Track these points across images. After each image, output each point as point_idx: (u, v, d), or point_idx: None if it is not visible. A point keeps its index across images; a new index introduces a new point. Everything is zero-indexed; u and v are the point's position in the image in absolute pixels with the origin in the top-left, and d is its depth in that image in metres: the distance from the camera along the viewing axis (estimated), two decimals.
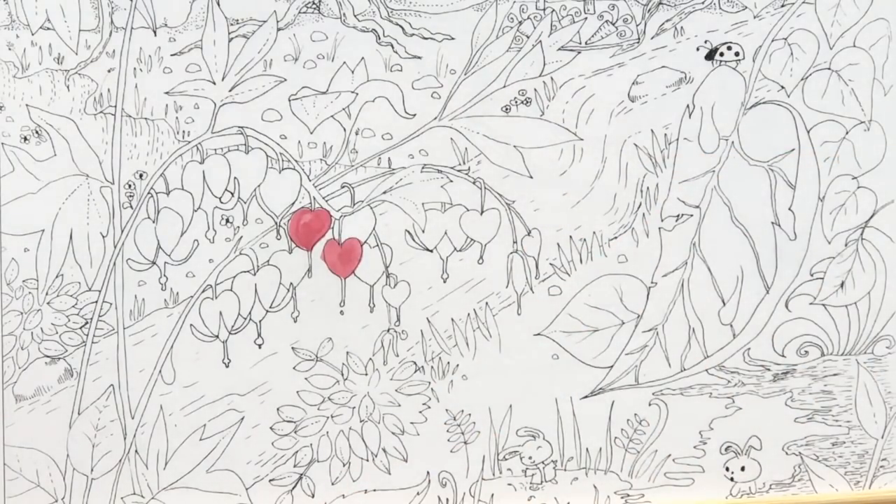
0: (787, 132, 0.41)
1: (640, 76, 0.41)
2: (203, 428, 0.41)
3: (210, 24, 0.40)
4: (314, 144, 0.41)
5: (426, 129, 0.41)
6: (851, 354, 0.42)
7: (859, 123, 0.41)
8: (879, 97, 0.41)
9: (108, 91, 0.40)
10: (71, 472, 0.41)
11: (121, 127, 0.40)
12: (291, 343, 0.41)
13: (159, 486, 0.41)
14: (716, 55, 0.41)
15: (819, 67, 0.41)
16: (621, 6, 0.41)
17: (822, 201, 0.42)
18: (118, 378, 0.41)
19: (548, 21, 0.41)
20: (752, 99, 0.41)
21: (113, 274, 0.41)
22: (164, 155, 0.40)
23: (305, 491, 0.42)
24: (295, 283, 0.41)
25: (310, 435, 0.41)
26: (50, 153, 0.40)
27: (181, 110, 0.40)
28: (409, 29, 0.40)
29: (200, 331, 0.41)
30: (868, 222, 0.42)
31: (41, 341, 0.40)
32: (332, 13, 0.40)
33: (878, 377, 0.42)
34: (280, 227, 0.41)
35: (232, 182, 0.41)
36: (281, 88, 0.41)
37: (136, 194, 0.41)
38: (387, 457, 0.42)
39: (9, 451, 0.41)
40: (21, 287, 0.40)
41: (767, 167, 0.41)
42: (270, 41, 0.40)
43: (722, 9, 0.41)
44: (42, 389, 0.41)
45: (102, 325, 0.41)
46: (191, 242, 0.41)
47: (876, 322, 0.42)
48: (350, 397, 0.41)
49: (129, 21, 0.40)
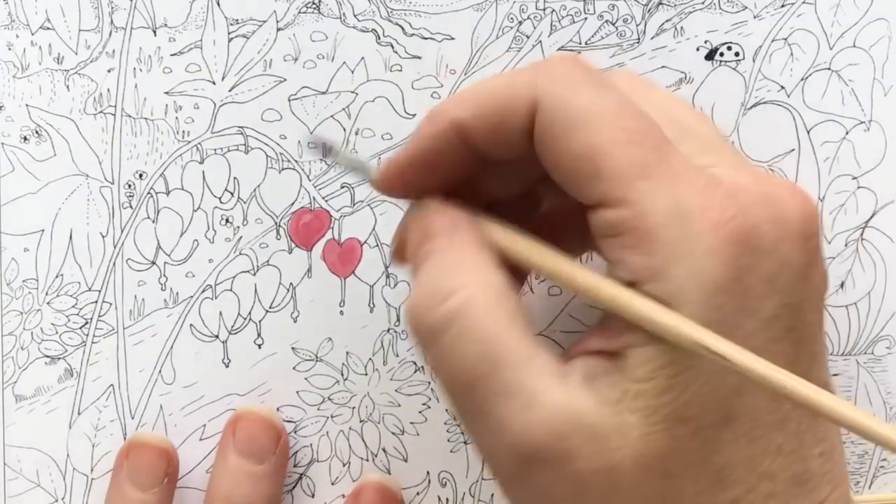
0: (787, 132, 0.41)
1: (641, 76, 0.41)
2: (203, 428, 0.41)
3: (210, 24, 0.40)
4: (314, 144, 0.41)
5: None
6: (851, 354, 0.42)
7: (859, 123, 0.41)
8: (879, 97, 0.41)
9: (107, 91, 0.40)
10: (71, 472, 0.41)
11: (121, 127, 0.40)
12: (291, 343, 0.41)
13: None
14: (716, 55, 0.41)
15: (819, 67, 0.41)
16: (621, 6, 0.41)
17: (822, 201, 0.42)
18: (118, 378, 0.41)
19: (548, 21, 0.41)
20: (752, 99, 0.41)
21: (113, 274, 0.41)
22: (164, 155, 0.40)
23: (305, 491, 0.42)
24: (295, 283, 0.41)
25: (310, 435, 0.41)
26: (50, 153, 0.40)
27: (181, 110, 0.40)
28: (409, 29, 0.40)
29: (200, 331, 0.41)
30: (868, 222, 0.42)
31: (41, 341, 0.41)
32: (332, 13, 0.40)
33: (878, 377, 0.42)
34: (280, 227, 0.41)
35: (232, 182, 0.41)
36: (281, 88, 0.41)
37: (135, 194, 0.41)
38: (387, 457, 0.42)
39: (9, 451, 0.41)
40: (21, 287, 0.40)
41: (767, 167, 0.41)
42: (270, 41, 0.40)
43: (722, 9, 0.41)
44: (42, 389, 0.41)
45: (102, 325, 0.41)
46: (191, 242, 0.41)
47: (876, 322, 0.42)
48: (350, 397, 0.41)
49: (129, 21, 0.40)
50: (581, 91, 0.31)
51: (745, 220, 0.30)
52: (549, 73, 0.32)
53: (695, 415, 0.30)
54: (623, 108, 0.31)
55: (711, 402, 0.30)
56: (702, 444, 0.30)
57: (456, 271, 0.32)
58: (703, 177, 0.30)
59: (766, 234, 0.30)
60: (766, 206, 0.31)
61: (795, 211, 0.31)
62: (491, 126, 0.32)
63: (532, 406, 0.30)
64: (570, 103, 0.31)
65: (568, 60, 0.33)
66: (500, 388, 0.30)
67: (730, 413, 0.30)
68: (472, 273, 0.32)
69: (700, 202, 0.30)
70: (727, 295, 0.29)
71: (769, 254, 0.30)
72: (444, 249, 0.33)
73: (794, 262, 0.31)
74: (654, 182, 0.30)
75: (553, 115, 0.31)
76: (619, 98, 0.31)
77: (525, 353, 0.31)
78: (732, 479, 0.30)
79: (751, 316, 0.30)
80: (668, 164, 0.30)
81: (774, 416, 0.30)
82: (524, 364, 0.30)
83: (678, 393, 0.30)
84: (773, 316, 0.30)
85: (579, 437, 0.30)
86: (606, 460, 0.30)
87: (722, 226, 0.30)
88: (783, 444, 0.31)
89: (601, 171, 0.30)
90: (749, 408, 0.30)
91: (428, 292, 0.32)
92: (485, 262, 0.32)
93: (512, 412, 0.30)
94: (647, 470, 0.30)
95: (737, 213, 0.30)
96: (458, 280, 0.31)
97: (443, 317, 0.31)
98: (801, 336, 0.31)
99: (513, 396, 0.30)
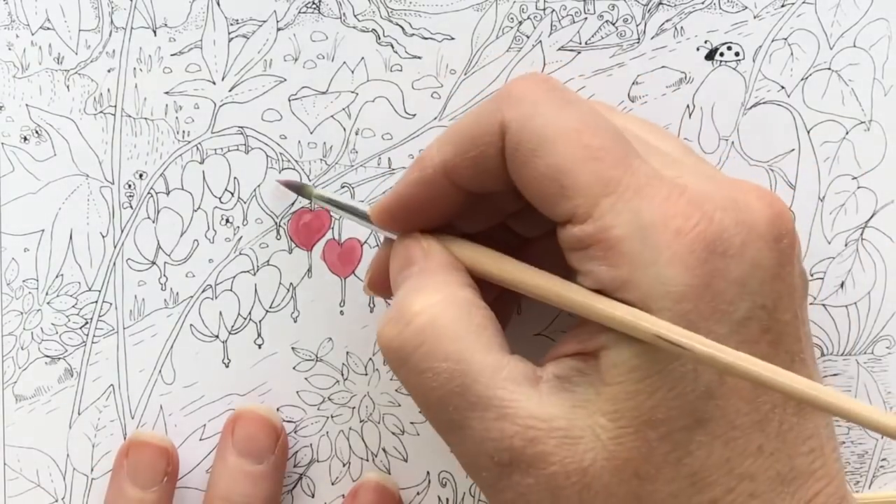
0: (787, 132, 0.41)
1: (640, 76, 0.41)
2: (203, 428, 0.41)
3: (210, 24, 0.40)
4: (314, 144, 0.41)
5: (426, 129, 0.41)
6: (851, 354, 0.42)
7: (859, 123, 0.41)
8: (879, 97, 0.41)
9: (108, 91, 0.40)
10: (71, 472, 0.41)
11: (121, 127, 0.40)
12: (291, 343, 0.41)
13: None
14: (716, 55, 0.41)
15: (819, 67, 0.41)
16: (621, 6, 0.41)
17: (822, 201, 0.42)
18: (118, 378, 0.41)
19: (548, 21, 0.41)
20: (752, 99, 0.41)
21: (113, 274, 0.41)
22: (164, 155, 0.40)
23: (305, 491, 0.42)
24: (295, 283, 0.41)
25: (310, 435, 0.41)
26: (50, 153, 0.40)
27: (181, 110, 0.40)
28: (409, 29, 0.40)
29: (200, 331, 0.41)
30: (868, 222, 0.42)
31: (41, 341, 0.41)
32: (332, 13, 0.40)
33: (878, 377, 0.42)
34: (280, 227, 0.41)
35: (232, 182, 0.41)
36: (281, 88, 0.41)
37: (136, 194, 0.41)
38: (387, 457, 0.42)
39: (9, 451, 0.41)
40: (21, 287, 0.40)
41: (767, 167, 0.41)
42: (270, 41, 0.40)
43: (722, 9, 0.41)
44: (42, 389, 0.41)
45: (102, 325, 0.41)
46: (191, 242, 0.41)
47: (876, 322, 0.42)
48: (350, 397, 0.41)
49: (129, 21, 0.40)
50: (542, 111, 0.32)
51: (710, 225, 0.30)
52: (511, 97, 0.33)
53: (664, 418, 0.30)
54: (585, 125, 0.32)
55: (681, 405, 0.30)
56: (673, 446, 0.30)
57: (420, 293, 0.33)
58: (666, 186, 0.31)
59: (733, 238, 0.30)
60: (732, 211, 0.31)
61: (762, 212, 0.31)
62: (471, 161, 0.33)
63: (504, 417, 0.31)
64: (533, 124, 0.32)
65: (530, 81, 0.33)
66: (472, 402, 0.31)
67: (701, 416, 0.30)
68: (436, 293, 0.33)
69: (663, 211, 0.30)
70: (695, 301, 0.30)
71: (737, 257, 0.30)
72: (415, 274, 0.34)
73: (765, 264, 0.31)
74: (618, 196, 0.30)
75: (518, 138, 0.32)
76: (581, 115, 0.32)
77: (493, 365, 0.31)
78: (709, 481, 0.30)
79: (722, 320, 0.30)
80: (632, 177, 0.31)
81: (752, 418, 0.31)
82: (492, 376, 0.31)
83: (646, 397, 0.30)
84: (745, 318, 0.30)
85: (552, 442, 0.30)
86: (579, 462, 0.30)
87: (685, 233, 0.30)
88: (763, 444, 0.31)
89: (566, 189, 0.31)
90: (724, 410, 0.30)
91: (394, 315, 0.33)
92: (452, 281, 0.33)
93: (486, 423, 0.31)
94: (619, 471, 0.30)
95: (701, 219, 0.30)
96: (422, 301, 0.32)
97: (409, 338, 0.32)
98: (777, 336, 0.31)
99: (485, 409, 0.31)
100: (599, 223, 0.30)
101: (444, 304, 0.32)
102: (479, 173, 0.33)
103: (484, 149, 0.33)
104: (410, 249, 0.35)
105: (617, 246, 0.30)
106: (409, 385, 0.33)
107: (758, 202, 0.32)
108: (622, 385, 0.30)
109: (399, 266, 0.35)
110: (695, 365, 0.30)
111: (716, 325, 0.30)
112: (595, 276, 0.31)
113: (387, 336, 0.33)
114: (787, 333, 0.31)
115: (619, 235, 0.30)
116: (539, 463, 0.30)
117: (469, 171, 0.33)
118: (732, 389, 0.30)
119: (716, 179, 0.33)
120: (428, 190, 0.34)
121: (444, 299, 0.32)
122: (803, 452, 0.31)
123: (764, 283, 0.31)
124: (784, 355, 0.31)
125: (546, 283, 0.32)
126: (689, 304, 0.30)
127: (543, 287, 0.32)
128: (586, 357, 0.31)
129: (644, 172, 0.31)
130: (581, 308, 0.31)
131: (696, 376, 0.30)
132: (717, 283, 0.30)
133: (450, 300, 0.32)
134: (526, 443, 0.31)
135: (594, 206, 0.31)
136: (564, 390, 0.31)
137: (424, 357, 0.32)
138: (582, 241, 0.31)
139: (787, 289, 0.32)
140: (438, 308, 0.32)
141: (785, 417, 0.31)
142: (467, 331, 0.32)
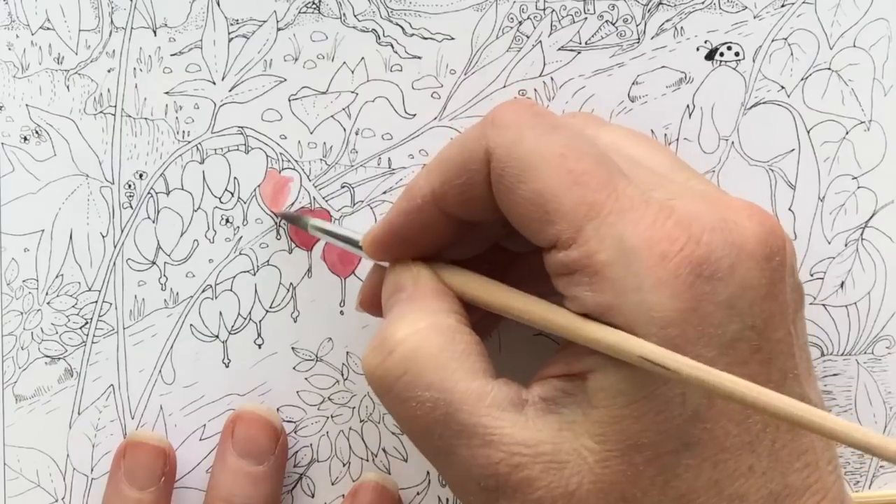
0: (787, 132, 0.41)
1: (640, 76, 0.41)
2: (203, 428, 0.41)
3: (210, 24, 0.40)
4: (314, 144, 0.41)
5: (426, 129, 0.41)
6: (851, 354, 0.42)
7: (859, 123, 0.41)
8: (879, 97, 0.41)
9: (108, 91, 0.40)
10: (71, 472, 0.41)
11: (121, 127, 0.40)
12: (291, 343, 0.41)
13: None
14: (716, 55, 0.41)
15: (819, 67, 0.41)
16: (621, 6, 0.41)
17: (822, 201, 0.42)
18: (118, 378, 0.41)
19: (548, 21, 0.41)
20: (752, 99, 0.41)
21: (113, 274, 0.41)
22: (164, 155, 0.40)
23: (305, 491, 0.42)
24: (295, 283, 0.41)
25: (310, 435, 0.41)
26: (50, 153, 0.40)
27: (181, 110, 0.40)
28: (409, 29, 0.40)
29: (200, 331, 0.41)
30: (868, 222, 0.42)
31: (41, 341, 0.41)
32: (332, 13, 0.40)
33: (878, 377, 0.42)
34: (280, 227, 0.41)
35: (232, 182, 0.41)
36: (281, 88, 0.41)
37: (136, 194, 0.41)
38: (387, 457, 0.42)
39: (9, 451, 0.41)
40: (21, 287, 0.40)
41: (767, 167, 0.41)
42: (270, 41, 0.40)
43: (722, 9, 0.41)
44: (42, 389, 0.41)
45: (102, 325, 0.41)
46: (191, 242, 0.41)
47: (876, 322, 0.42)
48: (350, 397, 0.41)
49: (129, 21, 0.40)
50: (527, 137, 0.32)
51: (697, 248, 0.30)
52: (496, 123, 0.32)
53: (650, 442, 0.30)
54: (569, 150, 0.31)
55: (667, 430, 0.30)
56: (659, 470, 0.30)
57: (404, 320, 0.33)
58: (652, 209, 0.31)
59: (721, 261, 0.30)
60: (721, 232, 0.31)
61: (751, 231, 0.31)
62: (458, 189, 0.33)
63: (490, 444, 0.31)
64: (518, 150, 0.32)
65: (514, 107, 0.33)
66: (457, 430, 0.31)
67: (688, 440, 0.30)
68: (420, 320, 0.33)
69: (648, 235, 0.30)
70: (681, 326, 0.30)
71: (725, 280, 0.30)
72: (402, 301, 0.34)
73: (755, 284, 0.31)
74: (601, 220, 0.30)
75: (503, 165, 0.32)
76: (565, 140, 0.32)
77: (476, 392, 0.31)
78: (697, 503, 0.30)
79: (710, 343, 0.30)
80: (616, 201, 0.31)
81: (742, 439, 0.31)
82: (476, 403, 0.31)
83: (632, 421, 0.30)
84: (734, 340, 0.30)
85: (538, 467, 0.30)
86: (565, 486, 0.30)
87: (670, 257, 0.30)
88: (754, 464, 0.31)
89: (550, 215, 0.31)
90: (712, 433, 0.30)
91: (377, 344, 0.33)
92: (438, 309, 0.33)
93: (472, 450, 0.31)
94: (605, 495, 0.30)
95: (687, 242, 0.30)
96: (405, 329, 0.33)
97: (392, 367, 0.32)
98: (768, 356, 0.31)
99: (470, 437, 0.31)
100: (584, 248, 0.30)
101: (427, 332, 0.32)
102: (467, 201, 0.33)
103: (470, 176, 0.33)
104: (401, 276, 0.35)
105: (601, 272, 0.30)
106: (394, 413, 0.33)
107: (748, 221, 0.31)
108: (608, 409, 0.30)
109: (389, 292, 0.35)
110: (683, 389, 0.30)
111: (703, 349, 0.30)
112: (581, 302, 0.31)
113: (370, 364, 0.33)
114: (779, 352, 0.31)
115: (603, 261, 0.30)
116: (525, 488, 0.31)
117: (457, 199, 0.33)
118: (722, 412, 0.30)
119: (706, 197, 0.32)
120: (418, 219, 0.34)
121: (427, 326, 0.32)
122: (797, 469, 0.31)
123: (754, 304, 0.30)
124: (776, 374, 0.31)
125: (533, 308, 0.32)
126: (676, 329, 0.30)
127: (531, 312, 0.32)
128: (573, 378, 0.31)
129: (629, 195, 0.31)
130: (567, 332, 0.31)
131: (683, 400, 0.30)
132: (704, 307, 0.30)
133: (434, 327, 0.32)
134: (511, 469, 0.31)
135: (578, 232, 0.30)
136: (550, 412, 0.31)
137: (407, 386, 0.32)
138: (567, 267, 0.31)
139: (778, 307, 0.31)
140: (422, 335, 0.32)
141: (778, 435, 0.31)
142: (451, 358, 0.32)
